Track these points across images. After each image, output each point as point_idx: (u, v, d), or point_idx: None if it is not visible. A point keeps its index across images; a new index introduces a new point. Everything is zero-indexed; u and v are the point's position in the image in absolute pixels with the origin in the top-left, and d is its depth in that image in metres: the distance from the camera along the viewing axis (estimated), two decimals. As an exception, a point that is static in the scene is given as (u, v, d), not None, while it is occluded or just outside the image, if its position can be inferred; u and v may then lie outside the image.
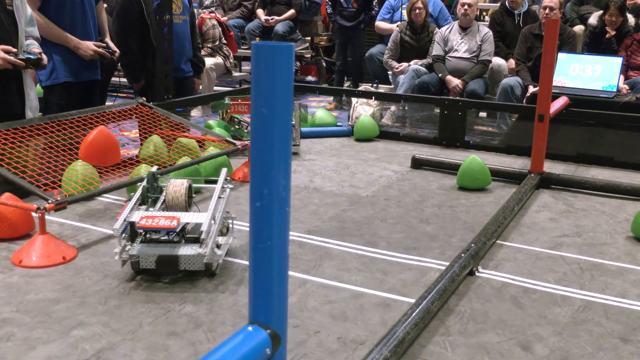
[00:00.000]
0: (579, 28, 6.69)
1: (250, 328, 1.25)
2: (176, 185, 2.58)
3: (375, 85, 7.14)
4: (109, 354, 1.95)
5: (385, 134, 5.22)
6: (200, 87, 7.22)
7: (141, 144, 4.04)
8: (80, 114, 3.65)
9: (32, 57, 3.30)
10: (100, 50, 4.01)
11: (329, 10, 8.07)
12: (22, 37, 3.38)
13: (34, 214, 2.72)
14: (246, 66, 9.62)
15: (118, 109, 3.99)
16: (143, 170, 3.33)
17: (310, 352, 2.01)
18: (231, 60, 8.11)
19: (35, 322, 2.13)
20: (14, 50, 3.25)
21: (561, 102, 4.32)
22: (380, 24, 7.49)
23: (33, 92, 3.51)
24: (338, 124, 5.54)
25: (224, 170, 2.88)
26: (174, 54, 4.41)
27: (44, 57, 3.39)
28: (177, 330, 2.10)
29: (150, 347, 2.00)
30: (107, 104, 4.71)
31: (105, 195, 3.37)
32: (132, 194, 2.70)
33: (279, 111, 1.17)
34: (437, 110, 5.26)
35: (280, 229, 1.22)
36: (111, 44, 4.29)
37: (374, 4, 7.90)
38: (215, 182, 2.77)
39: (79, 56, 3.95)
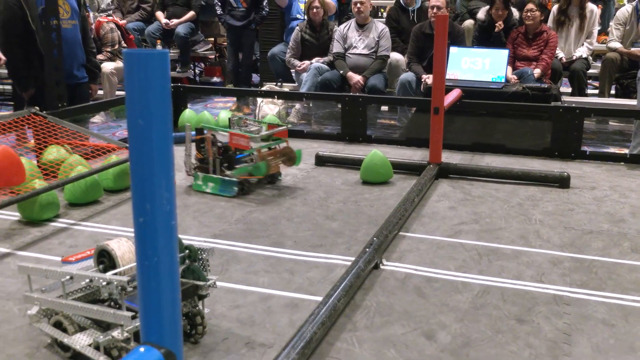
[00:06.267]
0: (469, 22, 6.99)
1: (142, 349, 1.20)
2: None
3: (279, 84, 7.14)
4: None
5: (290, 133, 5.22)
6: (101, 93, 6.98)
7: (37, 156, 3.85)
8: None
9: None
10: None
11: (218, 11, 7.83)
12: None
13: None
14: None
15: (9, 120, 3.77)
16: (37, 184, 3.17)
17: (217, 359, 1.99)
18: (130, 64, 7.86)
19: None
20: None
21: (454, 94, 4.49)
22: None
23: None
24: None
25: None
26: (64, 60, 4.23)
27: None
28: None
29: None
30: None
31: (-4, 212, 3.19)
32: None
33: (157, 121, 1.12)
34: (339, 107, 5.33)
35: (168, 244, 1.17)
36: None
37: (264, 3, 7.77)
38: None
39: None
